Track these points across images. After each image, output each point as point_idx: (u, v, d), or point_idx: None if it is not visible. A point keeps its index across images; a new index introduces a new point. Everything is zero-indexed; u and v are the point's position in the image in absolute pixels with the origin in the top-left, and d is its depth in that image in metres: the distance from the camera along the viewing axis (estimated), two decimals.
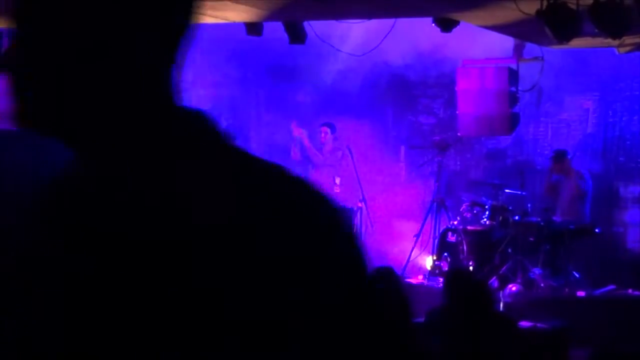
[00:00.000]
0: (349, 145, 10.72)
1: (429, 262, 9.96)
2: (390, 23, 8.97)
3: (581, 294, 9.04)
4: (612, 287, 9.33)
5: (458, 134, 10.37)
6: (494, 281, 9.04)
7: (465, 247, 9.51)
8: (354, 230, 0.95)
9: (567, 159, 9.80)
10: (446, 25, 8.46)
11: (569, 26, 7.39)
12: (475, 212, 9.97)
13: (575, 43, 7.96)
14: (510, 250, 9.40)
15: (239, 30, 9.04)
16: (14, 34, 0.90)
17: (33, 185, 0.93)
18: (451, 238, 9.73)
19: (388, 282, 4.93)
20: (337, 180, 10.59)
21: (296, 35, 9.03)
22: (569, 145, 10.36)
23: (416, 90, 11.67)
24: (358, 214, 10.47)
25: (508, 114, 9.78)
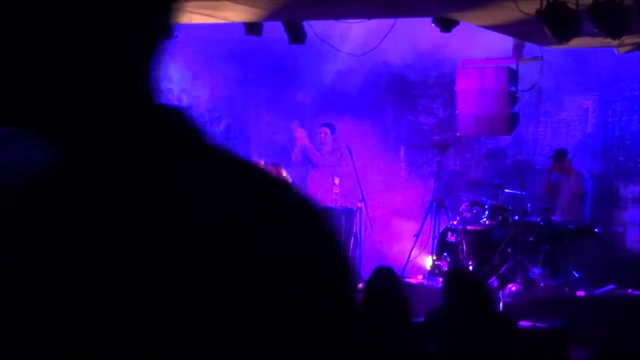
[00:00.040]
0: (348, 145, 10.72)
1: (428, 262, 9.96)
2: (390, 23, 8.97)
3: (581, 293, 9.04)
4: (611, 286, 9.33)
5: (458, 134, 10.36)
6: (494, 281, 9.04)
7: (464, 247, 9.51)
8: (336, 231, 0.96)
9: (567, 158, 9.80)
10: (446, 25, 8.46)
11: (568, 26, 7.40)
12: (474, 212, 9.97)
13: (574, 43, 7.97)
14: (509, 250, 9.40)
15: (238, 30, 9.04)
16: None
17: (19, 184, 0.93)
18: (451, 238, 9.73)
19: (388, 282, 4.94)
20: (337, 181, 10.58)
21: (296, 35, 9.03)
22: (569, 145, 10.35)
23: (416, 90, 11.66)
24: (357, 214, 10.46)
25: (508, 113, 9.78)
